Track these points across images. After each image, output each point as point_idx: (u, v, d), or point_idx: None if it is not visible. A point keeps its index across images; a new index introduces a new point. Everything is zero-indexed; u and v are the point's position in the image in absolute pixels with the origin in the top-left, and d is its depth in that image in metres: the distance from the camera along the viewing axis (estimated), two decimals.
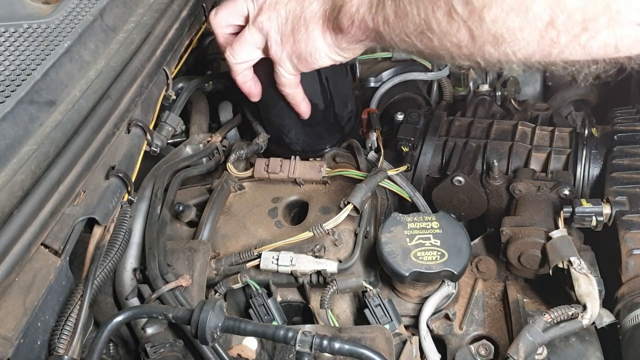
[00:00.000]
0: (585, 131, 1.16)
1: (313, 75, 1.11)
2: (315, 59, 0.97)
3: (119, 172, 0.91)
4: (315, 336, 0.73)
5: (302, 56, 0.97)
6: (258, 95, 1.13)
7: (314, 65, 0.99)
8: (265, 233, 1.09)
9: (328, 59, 0.97)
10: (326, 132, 1.22)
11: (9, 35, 0.98)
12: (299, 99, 1.10)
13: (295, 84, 1.06)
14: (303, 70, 1.02)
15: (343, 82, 1.20)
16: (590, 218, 0.98)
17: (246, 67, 1.07)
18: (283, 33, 0.97)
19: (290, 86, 1.06)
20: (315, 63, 0.98)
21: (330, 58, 0.97)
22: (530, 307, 1.00)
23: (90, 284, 0.81)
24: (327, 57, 0.97)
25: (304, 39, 0.95)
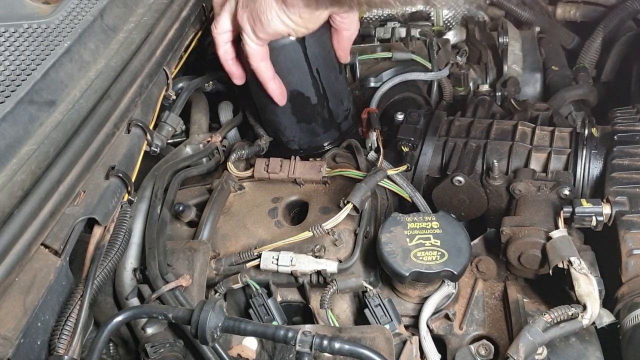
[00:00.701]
0: (585, 131, 1.16)
1: (303, 67, 1.12)
2: (267, 19, 0.98)
3: (119, 172, 0.91)
4: (315, 336, 0.73)
5: (257, 16, 0.99)
6: (240, 77, 1.14)
7: (267, 27, 0.99)
8: (265, 233, 1.09)
9: (279, 20, 0.98)
10: (321, 129, 1.22)
11: (9, 35, 0.98)
12: (266, 75, 1.09)
13: (260, 56, 1.06)
14: (262, 36, 1.02)
15: (336, 77, 1.19)
16: (590, 218, 0.98)
17: (226, 40, 1.09)
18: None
19: (254, 57, 1.06)
20: (268, 24, 0.99)
21: (280, 20, 0.98)
22: (530, 307, 1.00)
23: (90, 284, 0.81)
24: (277, 18, 0.98)
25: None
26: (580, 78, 1.71)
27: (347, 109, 1.25)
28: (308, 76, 1.14)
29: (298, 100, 1.16)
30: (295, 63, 1.11)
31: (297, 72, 1.12)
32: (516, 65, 1.69)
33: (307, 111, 1.17)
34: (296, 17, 0.98)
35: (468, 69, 1.61)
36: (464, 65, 1.59)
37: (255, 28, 1.01)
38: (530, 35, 1.78)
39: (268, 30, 1.00)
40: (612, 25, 1.75)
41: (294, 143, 1.23)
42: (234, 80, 1.15)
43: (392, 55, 1.49)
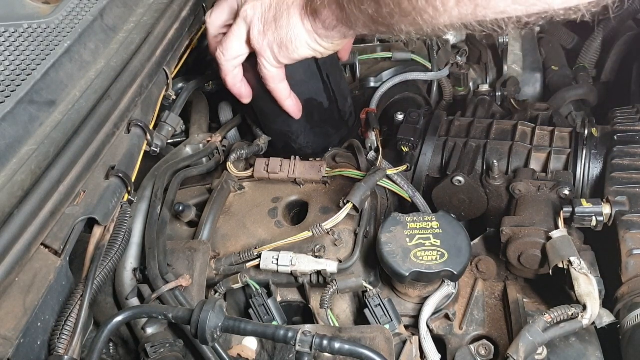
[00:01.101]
0: (585, 131, 1.16)
1: (316, 75, 1.12)
2: (295, 47, 0.96)
3: (119, 172, 0.91)
4: (315, 336, 0.73)
5: (282, 43, 0.96)
6: (249, 96, 1.13)
7: (293, 54, 0.98)
8: (265, 233, 1.09)
9: (307, 47, 0.97)
10: (333, 130, 1.23)
11: (9, 35, 0.98)
12: (283, 95, 1.09)
13: (279, 78, 1.05)
14: (283, 62, 1.01)
15: (341, 76, 1.20)
16: (590, 218, 0.98)
17: (236, 65, 1.07)
18: (266, 20, 0.97)
19: (273, 80, 1.05)
20: (295, 51, 0.97)
21: (309, 47, 0.97)
22: (530, 307, 1.00)
23: (90, 284, 0.81)
24: (306, 45, 0.96)
25: (285, 25, 0.95)
26: (580, 78, 1.71)
27: (350, 104, 1.26)
28: (320, 83, 1.15)
29: (312, 107, 1.17)
30: (310, 73, 1.12)
31: (311, 81, 1.13)
32: (516, 65, 1.69)
33: (320, 116, 1.18)
34: (328, 44, 0.96)
35: (468, 69, 1.61)
36: (464, 65, 1.59)
37: (278, 54, 0.99)
38: (530, 35, 1.78)
39: (294, 56, 0.99)
40: (612, 25, 1.75)
41: (307, 148, 1.23)
42: (243, 100, 1.13)
43: (392, 55, 1.49)
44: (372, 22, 0.80)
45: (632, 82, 1.61)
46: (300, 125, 1.18)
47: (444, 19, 0.68)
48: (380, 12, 0.76)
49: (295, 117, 1.14)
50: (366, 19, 0.81)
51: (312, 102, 1.16)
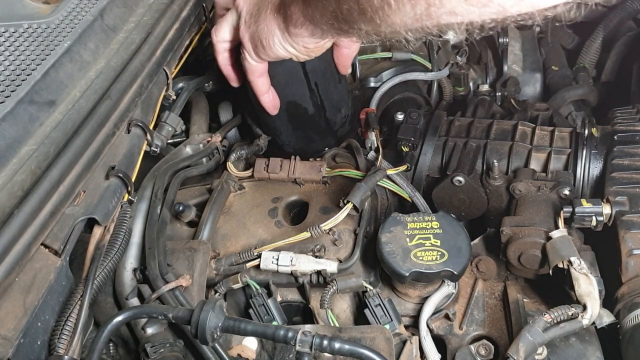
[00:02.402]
0: (585, 131, 1.16)
1: (301, 80, 1.12)
2: (269, 44, 0.97)
3: (119, 172, 0.91)
4: (315, 336, 0.73)
5: (260, 39, 0.98)
6: (237, 80, 1.14)
7: (269, 51, 0.99)
8: (265, 233, 1.09)
9: (281, 47, 0.97)
10: (317, 136, 1.22)
11: (9, 35, 0.98)
12: (260, 89, 1.09)
13: (258, 72, 1.06)
14: (263, 57, 1.02)
15: (335, 87, 1.19)
16: (590, 218, 0.98)
17: (225, 48, 1.09)
18: (251, 14, 0.99)
19: (252, 73, 1.06)
20: (270, 49, 0.98)
21: (282, 47, 0.97)
22: (530, 307, 1.00)
23: (90, 284, 0.81)
24: (279, 45, 0.97)
25: (262, 22, 0.96)
26: (580, 78, 1.71)
27: (345, 116, 1.25)
28: (306, 89, 1.14)
29: (295, 110, 1.16)
30: (294, 77, 1.11)
31: (295, 85, 1.12)
32: (516, 65, 1.69)
33: (303, 121, 1.17)
34: (299, 46, 0.97)
35: (468, 69, 1.61)
36: (464, 65, 1.59)
37: (256, 49, 1.00)
38: (530, 35, 1.78)
39: (269, 53, 0.99)
40: (612, 25, 1.75)
41: (289, 147, 1.23)
42: (231, 83, 1.15)
43: (392, 55, 1.49)
44: (335, 20, 0.81)
45: (632, 82, 1.61)
46: (282, 123, 1.18)
47: (399, 17, 0.68)
48: (341, 9, 0.76)
49: (270, 113, 1.14)
50: (329, 16, 0.82)
51: (295, 105, 1.16)
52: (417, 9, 0.65)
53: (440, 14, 0.64)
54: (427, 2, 0.64)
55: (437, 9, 0.64)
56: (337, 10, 0.78)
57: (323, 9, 0.82)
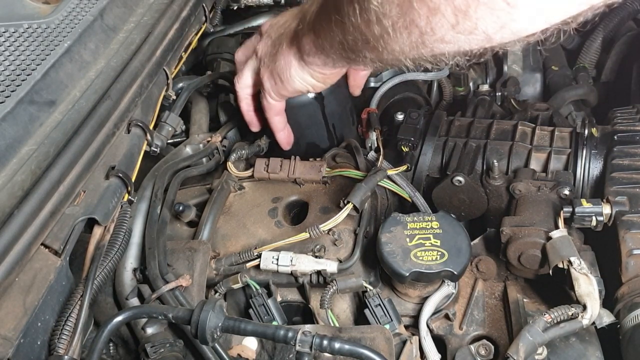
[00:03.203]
0: (585, 131, 1.16)
1: (320, 123, 1.20)
2: (287, 77, 1.02)
3: (119, 172, 0.91)
4: (315, 336, 0.73)
5: (278, 75, 1.04)
6: (257, 126, 1.21)
7: (288, 85, 1.04)
8: (265, 233, 1.09)
9: (299, 78, 1.02)
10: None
11: (9, 35, 0.98)
12: (277, 127, 1.16)
13: (275, 110, 1.13)
14: (282, 93, 1.07)
15: (350, 129, 1.27)
16: (590, 218, 0.98)
17: (248, 94, 1.16)
18: (270, 55, 1.05)
19: (270, 111, 1.12)
20: (289, 83, 1.03)
21: (300, 77, 1.02)
22: (530, 307, 1.00)
23: (90, 284, 0.81)
24: (297, 75, 1.02)
25: (280, 57, 1.02)
26: (580, 78, 1.71)
27: None
28: (324, 131, 1.22)
29: (313, 149, 1.23)
30: (314, 120, 1.19)
31: (314, 127, 1.20)
32: (516, 65, 1.69)
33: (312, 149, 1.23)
34: (316, 73, 1.01)
35: (468, 69, 1.61)
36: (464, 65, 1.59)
37: (276, 86, 1.06)
38: None
39: (288, 88, 1.04)
40: (612, 25, 1.75)
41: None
42: (252, 128, 1.22)
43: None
44: (342, 49, 0.86)
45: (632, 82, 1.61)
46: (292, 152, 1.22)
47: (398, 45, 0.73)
48: (347, 39, 0.81)
49: (284, 148, 1.20)
50: (337, 46, 0.87)
51: (314, 145, 1.24)
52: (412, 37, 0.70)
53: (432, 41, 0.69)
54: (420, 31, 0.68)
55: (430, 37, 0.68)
56: (343, 40, 0.83)
57: (331, 39, 0.87)
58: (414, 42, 0.71)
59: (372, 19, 0.72)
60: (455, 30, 0.66)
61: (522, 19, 0.62)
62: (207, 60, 1.54)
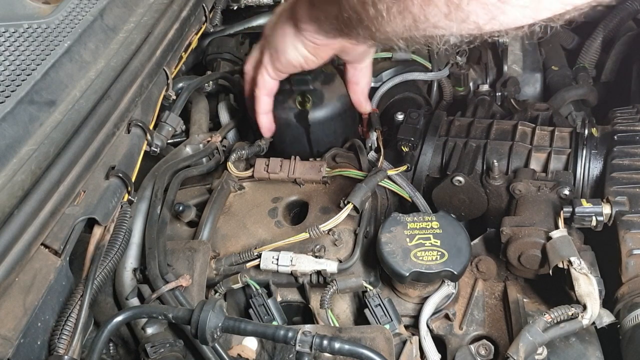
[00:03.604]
0: (585, 131, 1.16)
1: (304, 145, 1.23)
2: (284, 46, 1.04)
3: (119, 172, 0.91)
4: (315, 336, 0.73)
5: (276, 46, 1.06)
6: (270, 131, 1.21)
7: (282, 56, 1.05)
8: (265, 233, 1.09)
9: (293, 48, 1.04)
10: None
11: (9, 35, 0.98)
12: (263, 107, 1.17)
13: (267, 90, 1.14)
14: (277, 67, 1.09)
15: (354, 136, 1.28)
16: (590, 218, 0.98)
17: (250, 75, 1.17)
18: (270, 30, 1.08)
19: (262, 89, 1.14)
20: (284, 52, 1.05)
21: (295, 47, 1.04)
22: (530, 307, 1.00)
23: (90, 284, 0.81)
24: (292, 46, 1.04)
25: (278, 27, 1.05)
26: (580, 78, 1.70)
27: None
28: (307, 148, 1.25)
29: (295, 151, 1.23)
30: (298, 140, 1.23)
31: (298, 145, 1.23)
32: (516, 65, 1.69)
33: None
34: (308, 43, 1.02)
35: (468, 69, 1.61)
36: (464, 65, 1.59)
37: (272, 58, 1.08)
38: None
39: (282, 58, 1.06)
40: (612, 25, 1.75)
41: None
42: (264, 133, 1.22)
43: (392, 55, 1.49)
44: (337, 22, 0.89)
45: (632, 82, 1.61)
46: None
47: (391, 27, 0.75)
48: (342, 14, 0.84)
49: (264, 135, 1.21)
50: (332, 19, 0.90)
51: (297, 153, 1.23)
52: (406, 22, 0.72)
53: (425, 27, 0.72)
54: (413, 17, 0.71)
55: (422, 23, 0.71)
56: (338, 15, 0.86)
57: (327, 12, 0.91)
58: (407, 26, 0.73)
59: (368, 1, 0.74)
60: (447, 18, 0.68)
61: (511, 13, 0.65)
62: (207, 60, 1.54)
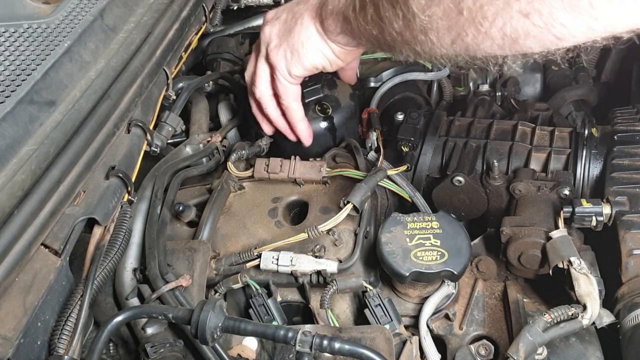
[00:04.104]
0: (585, 131, 1.16)
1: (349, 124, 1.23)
2: (306, 50, 1.00)
3: (119, 172, 0.91)
4: (315, 336, 0.73)
5: (294, 48, 1.01)
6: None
7: (304, 59, 1.01)
8: (265, 233, 1.09)
9: (318, 51, 1.00)
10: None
11: (9, 35, 0.98)
12: (297, 115, 1.12)
13: (292, 95, 1.09)
14: (296, 71, 1.04)
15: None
16: (590, 218, 0.98)
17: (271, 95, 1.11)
18: (282, 33, 1.02)
19: (287, 95, 1.08)
20: (306, 56, 1.01)
21: (320, 51, 1.00)
22: (530, 307, 1.00)
23: (90, 284, 0.81)
24: (317, 50, 1.00)
25: (297, 31, 1.00)
26: (580, 78, 1.70)
27: None
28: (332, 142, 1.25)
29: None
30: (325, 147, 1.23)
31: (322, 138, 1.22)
32: (516, 65, 1.69)
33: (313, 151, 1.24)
34: (337, 49, 1.00)
35: (468, 69, 1.61)
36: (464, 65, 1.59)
37: (291, 62, 1.03)
38: None
39: (304, 61, 1.02)
40: None
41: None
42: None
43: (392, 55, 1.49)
44: (376, 41, 0.87)
45: (632, 82, 1.61)
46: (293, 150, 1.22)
47: (441, 51, 0.77)
48: (384, 36, 0.82)
49: (305, 143, 1.17)
50: (370, 37, 0.87)
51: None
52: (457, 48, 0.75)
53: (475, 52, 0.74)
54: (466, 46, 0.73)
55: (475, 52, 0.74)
56: (379, 36, 0.85)
57: (364, 31, 0.88)
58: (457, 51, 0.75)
59: (416, 28, 0.75)
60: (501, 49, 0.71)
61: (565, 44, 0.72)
62: (207, 60, 1.54)
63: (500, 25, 0.69)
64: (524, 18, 0.67)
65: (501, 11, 0.67)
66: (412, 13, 0.75)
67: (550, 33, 0.67)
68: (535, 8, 0.65)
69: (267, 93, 1.11)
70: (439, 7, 0.72)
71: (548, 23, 0.66)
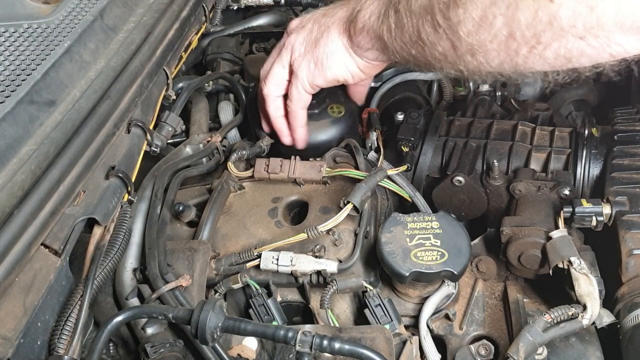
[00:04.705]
0: (585, 131, 1.16)
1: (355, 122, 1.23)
2: (330, 62, 1.01)
3: (119, 172, 0.91)
4: (315, 336, 0.73)
5: (318, 60, 1.02)
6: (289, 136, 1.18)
7: (327, 72, 1.03)
8: (265, 233, 1.09)
9: (342, 64, 1.01)
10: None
11: (9, 35, 0.98)
12: (301, 121, 1.15)
13: (302, 103, 1.11)
14: (318, 83, 1.06)
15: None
16: (590, 218, 0.98)
17: (277, 95, 1.13)
18: (307, 43, 1.04)
19: (297, 102, 1.10)
20: (329, 69, 1.02)
21: (345, 65, 1.02)
22: (530, 307, 1.00)
23: (90, 284, 0.81)
24: (342, 63, 1.01)
25: (324, 43, 1.01)
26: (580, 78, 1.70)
27: None
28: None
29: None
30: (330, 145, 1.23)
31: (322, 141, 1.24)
32: None
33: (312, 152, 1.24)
34: (362, 64, 1.01)
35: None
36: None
37: (313, 73, 1.05)
38: None
39: (327, 74, 1.04)
40: None
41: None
42: (283, 139, 1.19)
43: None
44: (413, 58, 0.87)
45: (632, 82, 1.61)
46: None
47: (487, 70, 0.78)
48: (424, 55, 0.83)
49: (298, 146, 1.20)
50: (407, 54, 0.88)
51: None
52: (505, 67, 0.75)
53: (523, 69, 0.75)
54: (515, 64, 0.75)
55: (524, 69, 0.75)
56: (418, 55, 0.85)
57: (401, 50, 0.88)
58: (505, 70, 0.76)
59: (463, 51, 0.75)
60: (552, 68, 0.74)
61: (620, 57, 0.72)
62: (207, 60, 1.54)
63: (555, 48, 0.70)
64: (579, 40, 0.68)
65: (557, 36, 0.68)
66: (458, 38, 0.75)
67: (605, 52, 0.69)
68: (593, 33, 0.67)
69: (273, 94, 1.13)
70: (489, 32, 0.72)
71: (604, 44, 0.67)
